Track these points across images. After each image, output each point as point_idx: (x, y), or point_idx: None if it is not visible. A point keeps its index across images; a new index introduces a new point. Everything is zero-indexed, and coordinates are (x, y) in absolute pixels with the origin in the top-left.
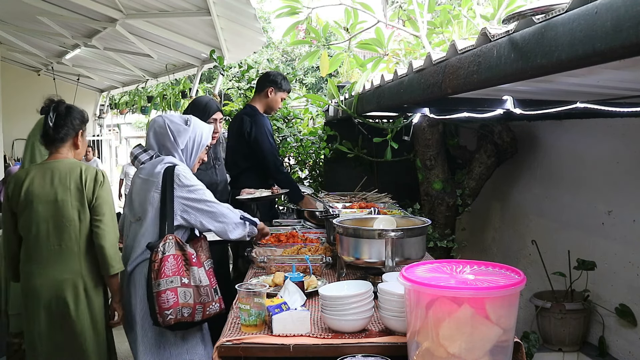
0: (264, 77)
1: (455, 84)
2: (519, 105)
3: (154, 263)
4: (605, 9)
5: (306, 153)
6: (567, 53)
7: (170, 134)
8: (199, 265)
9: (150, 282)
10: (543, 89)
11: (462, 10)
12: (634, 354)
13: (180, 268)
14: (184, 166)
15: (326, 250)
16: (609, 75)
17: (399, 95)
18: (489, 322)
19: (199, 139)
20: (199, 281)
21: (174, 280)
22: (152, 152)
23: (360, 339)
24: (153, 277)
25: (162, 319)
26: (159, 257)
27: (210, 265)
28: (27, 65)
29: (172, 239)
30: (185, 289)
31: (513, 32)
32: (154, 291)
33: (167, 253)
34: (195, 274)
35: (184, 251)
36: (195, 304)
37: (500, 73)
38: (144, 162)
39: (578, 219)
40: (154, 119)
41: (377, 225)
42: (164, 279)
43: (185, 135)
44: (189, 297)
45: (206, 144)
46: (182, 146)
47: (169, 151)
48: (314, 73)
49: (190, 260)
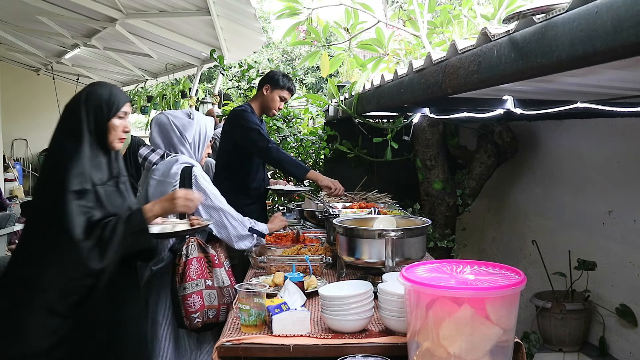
0: (264, 75)
1: (456, 84)
2: (519, 105)
3: (178, 267)
4: (606, 8)
5: (306, 153)
6: (568, 53)
7: (176, 129)
8: (221, 266)
9: (175, 285)
10: (543, 88)
11: (463, 10)
12: (635, 354)
13: (204, 270)
14: (199, 167)
15: (326, 250)
16: (609, 75)
17: (399, 95)
18: (489, 322)
19: (204, 131)
20: (222, 282)
21: (199, 284)
22: (160, 151)
23: (360, 339)
24: (177, 280)
25: (189, 322)
26: (183, 261)
27: (229, 265)
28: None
29: (195, 242)
30: (210, 291)
31: (513, 31)
32: (180, 295)
33: (191, 256)
34: (219, 276)
35: (207, 253)
36: (220, 305)
37: (501, 73)
38: (155, 163)
39: (578, 219)
40: (155, 117)
41: (377, 225)
42: (189, 282)
43: (191, 129)
44: (214, 299)
45: (210, 137)
46: (191, 140)
47: (176, 148)
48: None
49: (213, 262)
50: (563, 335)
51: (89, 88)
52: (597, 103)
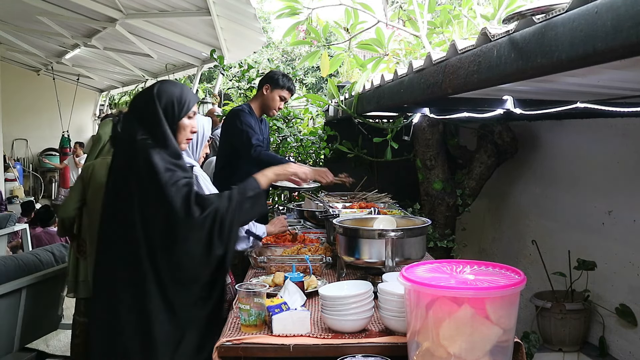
0: (264, 75)
1: (456, 84)
2: (519, 105)
3: None
4: (606, 8)
5: (306, 153)
6: (568, 53)
7: None
8: None
9: None
10: (543, 88)
11: (463, 10)
12: (635, 354)
13: None
14: (199, 167)
15: (326, 250)
16: (609, 75)
17: (399, 95)
18: (489, 322)
19: (202, 131)
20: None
21: None
22: None
23: (360, 339)
24: None
25: None
26: None
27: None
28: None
29: None
30: None
31: (513, 32)
32: None
33: None
34: None
35: None
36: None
37: (501, 73)
38: None
39: (578, 219)
40: None
41: (377, 225)
42: None
43: None
44: None
45: (208, 136)
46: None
47: None
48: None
49: None
50: (563, 335)
51: (159, 85)
52: (597, 103)
